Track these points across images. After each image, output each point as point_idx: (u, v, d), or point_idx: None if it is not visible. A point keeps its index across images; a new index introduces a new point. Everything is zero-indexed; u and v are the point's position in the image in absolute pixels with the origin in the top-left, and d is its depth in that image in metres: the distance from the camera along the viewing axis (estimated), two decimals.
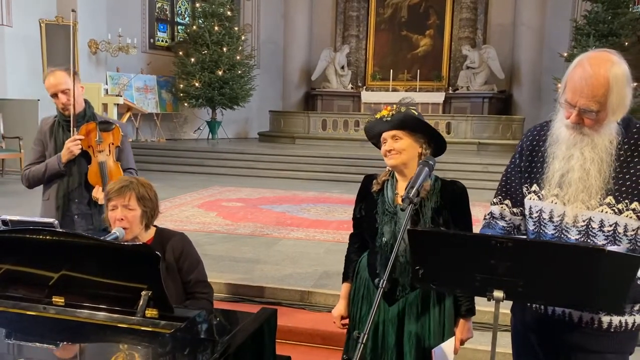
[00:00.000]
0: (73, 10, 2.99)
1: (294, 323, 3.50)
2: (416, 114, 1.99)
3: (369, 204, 2.11)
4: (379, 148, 2.07)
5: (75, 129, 2.84)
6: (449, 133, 12.45)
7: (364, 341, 1.44)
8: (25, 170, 2.94)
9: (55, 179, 2.87)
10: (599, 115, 1.56)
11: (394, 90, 14.90)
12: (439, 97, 14.49)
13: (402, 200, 1.68)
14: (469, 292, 1.85)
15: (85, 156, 2.86)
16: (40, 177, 2.88)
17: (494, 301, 1.52)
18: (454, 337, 2.00)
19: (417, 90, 14.75)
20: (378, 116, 2.02)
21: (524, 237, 1.75)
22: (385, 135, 2.01)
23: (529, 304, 1.78)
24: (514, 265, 1.47)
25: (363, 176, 2.23)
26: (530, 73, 14.09)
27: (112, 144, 2.91)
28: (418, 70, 14.90)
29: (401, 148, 1.98)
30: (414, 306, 2.01)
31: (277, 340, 1.88)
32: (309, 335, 3.41)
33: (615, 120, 1.59)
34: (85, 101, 2.96)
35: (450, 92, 14.85)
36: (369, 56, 15.86)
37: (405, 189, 1.74)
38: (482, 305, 2.70)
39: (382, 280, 1.56)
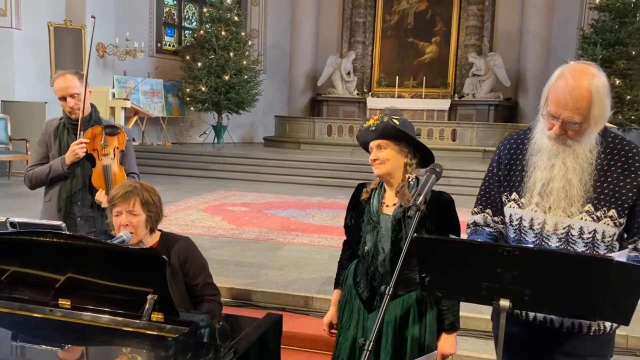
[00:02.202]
0: (93, 17, 3.01)
1: (298, 329, 3.49)
2: (398, 123, 1.97)
3: (358, 212, 2.12)
4: None
5: (82, 132, 2.85)
6: (454, 140, 12.44)
7: (369, 348, 1.44)
8: (29, 171, 2.95)
9: (58, 181, 2.88)
10: (582, 126, 1.59)
11: (400, 96, 14.91)
12: (444, 104, 14.49)
13: (409, 208, 1.68)
14: (474, 300, 1.84)
15: (89, 159, 2.88)
16: (44, 178, 2.89)
17: (500, 310, 1.51)
18: (435, 352, 1.96)
19: (423, 97, 14.76)
20: (366, 125, 2.03)
21: (531, 246, 1.75)
22: (371, 144, 2.02)
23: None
24: (521, 274, 1.47)
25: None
26: (537, 81, 14.05)
27: (117, 148, 2.93)
28: (424, 77, 14.91)
29: (385, 158, 1.98)
30: (392, 315, 1.99)
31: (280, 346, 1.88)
32: (312, 342, 3.40)
33: (596, 131, 1.64)
34: (92, 105, 2.97)
35: (456, 99, 14.84)
36: (375, 62, 15.89)
37: (413, 195, 1.73)
38: (487, 313, 2.69)
39: (388, 287, 1.55)
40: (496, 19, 15.11)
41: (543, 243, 1.71)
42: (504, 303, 1.50)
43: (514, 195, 1.77)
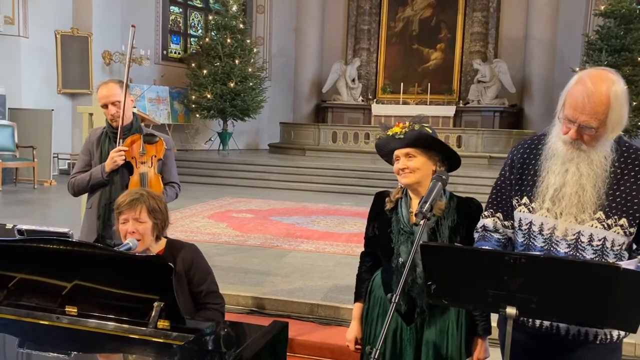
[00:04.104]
0: (133, 26, 3.04)
1: (303, 336, 3.48)
2: (430, 131, 1.95)
3: (382, 222, 2.05)
4: (391, 164, 2.03)
5: (122, 140, 2.89)
6: (459, 147, 12.42)
7: (376, 356, 1.44)
8: (72, 179, 3.00)
9: (98, 188, 2.92)
10: (598, 132, 1.59)
11: (405, 103, 14.93)
12: (449, 111, 14.48)
13: (416, 215, 1.67)
14: (481, 308, 1.84)
15: (128, 167, 2.91)
16: (85, 185, 2.94)
17: (507, 318, 1.51)
18: (470, 358, 1.97)
19: (428, 103, 14.76)
20: (390, 133, 1.97)
21: (538, 253, 1.74)
22: (398, 152, 1.96)
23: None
24: (527, 281, 1.46)
25: (373, 189, 2.20)
26: (542, 87, 14.05)
27: (155, 156, 2.95)
28: (429, 84, 14.91)
29: (415, 167, 1.93)
30: (432, 325, 1.97)
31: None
32: (317, 349, 3.39)
33: (612, 137, 1.63)
34: (133, 114, 3.02)
35: (461, 105, 14.84)
36: (380, 69, 15.91)
37: (419, 203, 1.71)
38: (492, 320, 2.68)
39: (394, 295, 1.54)
40: (501, 25, 15.12)
41: (552, 249, 1.70)
42: (511, 310, 1.49)
43: (525, 200, 1.76)
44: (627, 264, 1.49)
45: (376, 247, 2.10)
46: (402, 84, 14.99)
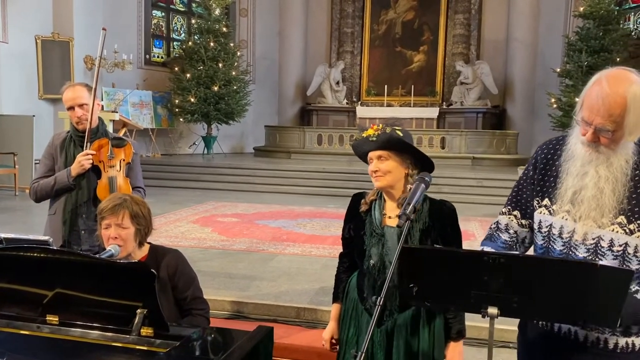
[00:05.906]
0: (104, 29, 3.03)
1: (290, 340, 3.47)
2: (401, 135, 1.93)
3: (357, 224, 2.06)
4: (367, 164, 2.03)
5: (89, 144, 2.84)
6: (443, 148, 12.52)
7: (362, 359, 1.44)
8: (34, 184, 2.92)
9: (63, 193, 2.85)
10: (615, 134, 1.53)
11: (389, 105, 15.01)
12: (433, 112, 14.58)
13: (399, 217, 1.66)
14: (463, 309, 1.85)
15: (95, 171, 2.86)
16: (49, 190, 2.86)
17: (489, 318, 1.52)
18: None
19: (412, 105, 14.86)
20: (365, 135, 1.97)
21: (517, 252, 1.75)
22: (371, 154, 1.96)
23: (534, 320, 1.76)
24: (507, 281, 1.47)
25: (359, 191, 2.20)
26: (524, 88, 14.22)
27: (123, 160, 2.92)
28: (412, 86, 15.01)
29: (387, 169, 1.93)
30: (402, 328, 1.97)
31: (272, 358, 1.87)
32: (305, 353, 3.39)
33: (632, 140, 1.57)
34: (99, 118, 2.98)
35: (444, 107, 14.95)
36: (364, 72, 15.99)
37: (403, 205, 1.70)
38: (480, 321, 2.70)
39: (379, 297, 1.54)
40: (483, 27, 15.28)
41: (570, 252, 1.65)
42: (492, 310, 1.50)
43: (546, 201, 1.71)
44: (606, 263, 1.50)
45: (352, 249, 2.11)
46: (386, 86, 15.08)
